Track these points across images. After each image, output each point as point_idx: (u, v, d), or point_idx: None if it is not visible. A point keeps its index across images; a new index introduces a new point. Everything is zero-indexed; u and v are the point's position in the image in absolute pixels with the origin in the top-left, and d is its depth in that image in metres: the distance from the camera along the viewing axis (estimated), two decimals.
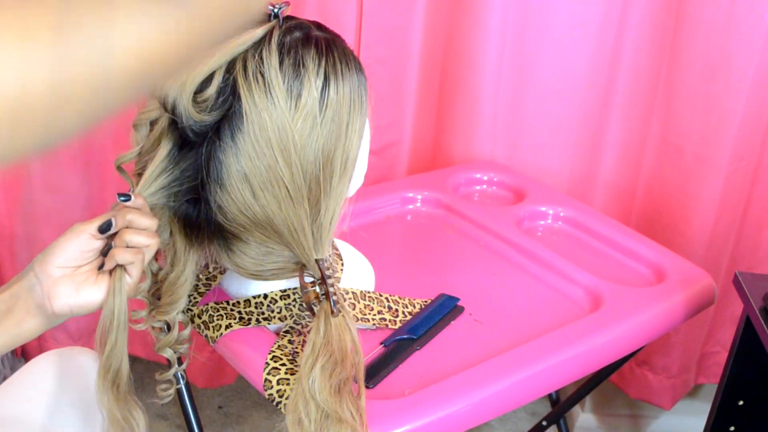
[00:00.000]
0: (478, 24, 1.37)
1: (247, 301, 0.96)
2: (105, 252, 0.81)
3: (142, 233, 0.80)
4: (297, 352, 0.92)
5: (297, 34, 0.83)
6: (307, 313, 0.93)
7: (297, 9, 0.87)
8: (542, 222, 1.31)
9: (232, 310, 0.96)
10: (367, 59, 1.34)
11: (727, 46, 1.30)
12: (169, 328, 0.93)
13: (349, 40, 0.90)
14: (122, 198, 0.81)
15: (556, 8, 1.37)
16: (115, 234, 0.80)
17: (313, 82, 0.82)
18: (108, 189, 1.44)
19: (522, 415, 1.72)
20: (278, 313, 0.95)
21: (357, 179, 0.92)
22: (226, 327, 0.95)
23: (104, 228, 0.79)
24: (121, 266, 0.79)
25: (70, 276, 0.78)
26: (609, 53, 1.39)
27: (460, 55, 1.41)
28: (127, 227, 0.80)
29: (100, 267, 0.81)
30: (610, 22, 1.37)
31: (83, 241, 0.79)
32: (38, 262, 0.78)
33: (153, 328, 0.94)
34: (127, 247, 0.79)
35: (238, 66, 0.81)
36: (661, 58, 1.38)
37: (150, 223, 0.81)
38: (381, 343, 0.97)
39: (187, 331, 0.95)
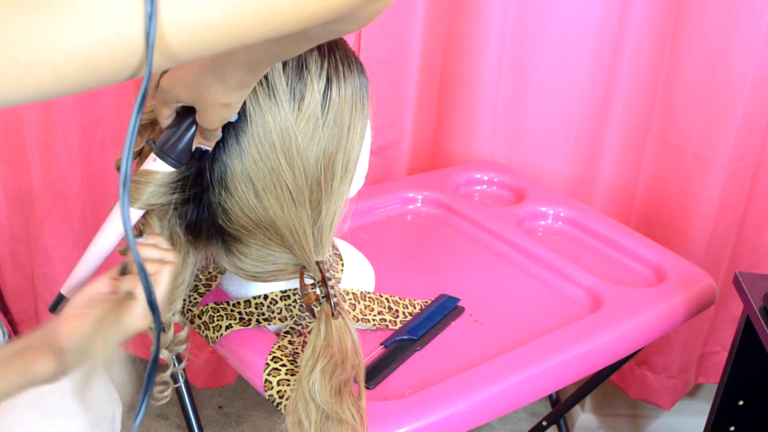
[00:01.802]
0: (478, 24, 1.37)
1: (247, 302, 0.96)
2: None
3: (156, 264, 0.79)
4: (297, 353, 0.92)
5: None
6: (308, 314, 0.93)
7: None
8: (542, 222, 1.31)
9: (232, 310, 0.96)
10: (368, 59, 1.33)
11: (727, 46, 1.30)
12: (165, 329, 0.93)
13: (350, 41, 0.90)
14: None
15: (556, 8, 1.37)
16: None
17: (315, 84, 0.81)
18: (108, 189, 1.44)
19: (522, 415, 1.72)
20: (278, 313, 0.95)
21: (358, 181, 0.92)
22: (227, 327, 0.95)
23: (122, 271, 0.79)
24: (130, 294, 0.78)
25: (77, 316, 0.75)
26: (609, 53, 1.39)
27: (460, 55, 1.41)
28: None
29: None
30: (610, 22, 1.37)
31: (103, 283, 0.78)
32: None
33: (150, 329, 0.94)
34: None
35: None
36: (661, 58, 1.38)
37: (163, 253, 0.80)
38: (381, 344, 0.97)
39: (184, 333, 0.94)
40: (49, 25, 0.43)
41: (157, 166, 0.80)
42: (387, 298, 1.03)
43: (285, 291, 0.94)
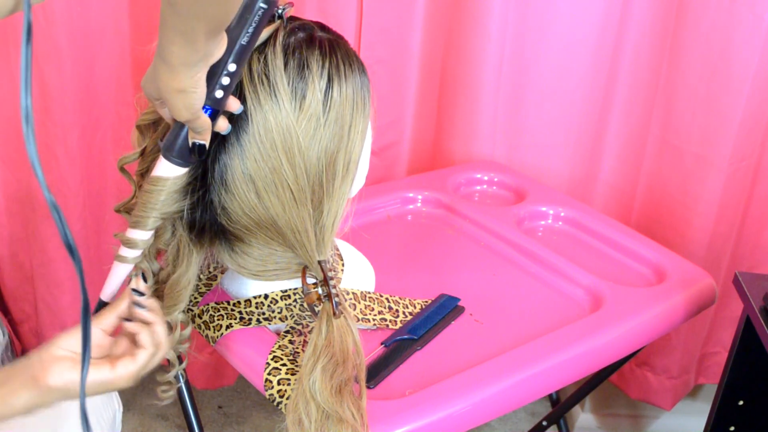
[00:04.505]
0: (478, 24, 1.37)
1: (248, 301, 0.96)
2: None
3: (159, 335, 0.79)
4: (298, 352, 0.92)
5: (301, 35, 0.83)
6: (308, 313, 0.93)
7: (297, 9, 0.87)
8: (542, 222, 1.31)
9: (232, 310, 0.96)
10: (368, 59, 1.33)
11: (727, 46, 1.30)
12: (170, 328, 0.93)
13: (350, 40, 0.90)
14: (135, 293, 0.81)
15: (556, 8, 1.37)
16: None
17: (317, 84, 0.82)
18: (108, 189, 1.44)
19: (522, 415, 1.72)
20: (279, 313, 0.95)
21: (359, 180, 0.92)
22: (227, 327, 0.95)
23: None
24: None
25: (71, 358, 0.74)
26: (609, 53, 1.39)
27: (460, 55, 1.41)
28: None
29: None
30: (611, 22, 1.37)
31: (96, 335, 0.78)
32: (45, 343, 0.76)
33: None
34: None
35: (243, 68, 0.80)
36: (661, 58, 1.38)
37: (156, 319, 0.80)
38: (382, 344, 0.97)
39: (187, 331, 0.94)
40: None
41: (165, 170, 0.80)
42: (387, 298, 1.03)
43: (285, 290, 0.94)
